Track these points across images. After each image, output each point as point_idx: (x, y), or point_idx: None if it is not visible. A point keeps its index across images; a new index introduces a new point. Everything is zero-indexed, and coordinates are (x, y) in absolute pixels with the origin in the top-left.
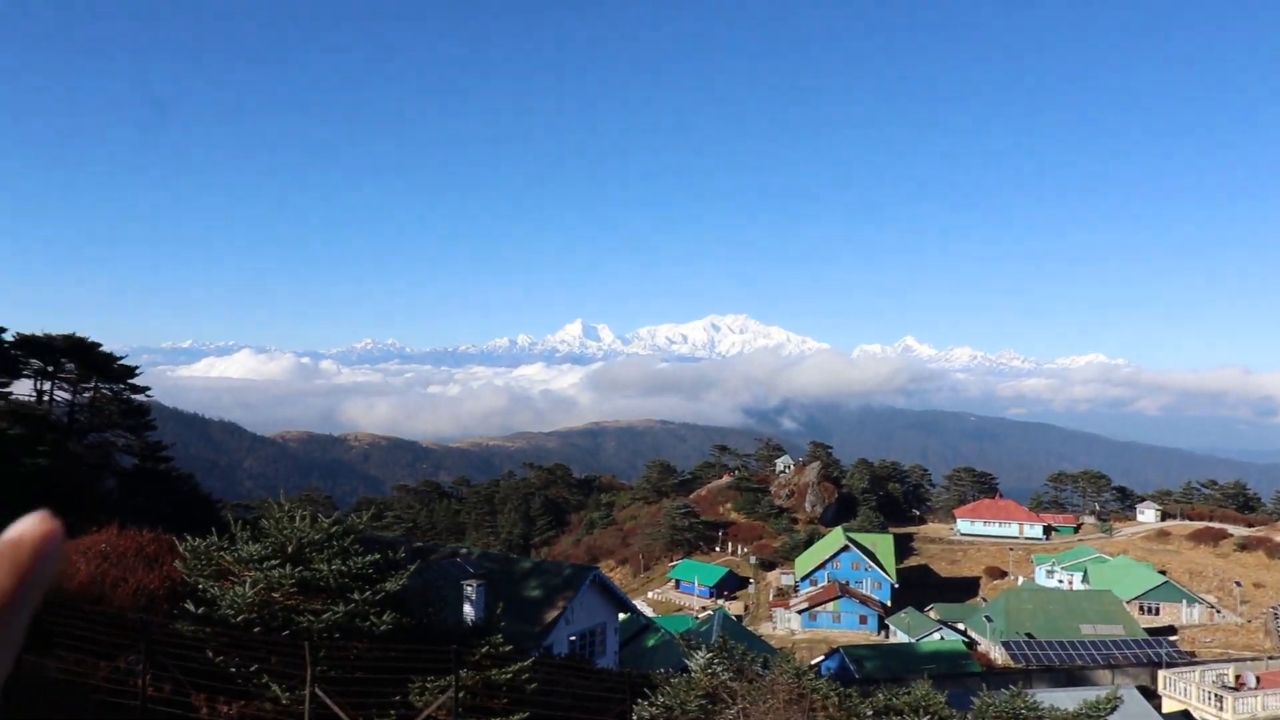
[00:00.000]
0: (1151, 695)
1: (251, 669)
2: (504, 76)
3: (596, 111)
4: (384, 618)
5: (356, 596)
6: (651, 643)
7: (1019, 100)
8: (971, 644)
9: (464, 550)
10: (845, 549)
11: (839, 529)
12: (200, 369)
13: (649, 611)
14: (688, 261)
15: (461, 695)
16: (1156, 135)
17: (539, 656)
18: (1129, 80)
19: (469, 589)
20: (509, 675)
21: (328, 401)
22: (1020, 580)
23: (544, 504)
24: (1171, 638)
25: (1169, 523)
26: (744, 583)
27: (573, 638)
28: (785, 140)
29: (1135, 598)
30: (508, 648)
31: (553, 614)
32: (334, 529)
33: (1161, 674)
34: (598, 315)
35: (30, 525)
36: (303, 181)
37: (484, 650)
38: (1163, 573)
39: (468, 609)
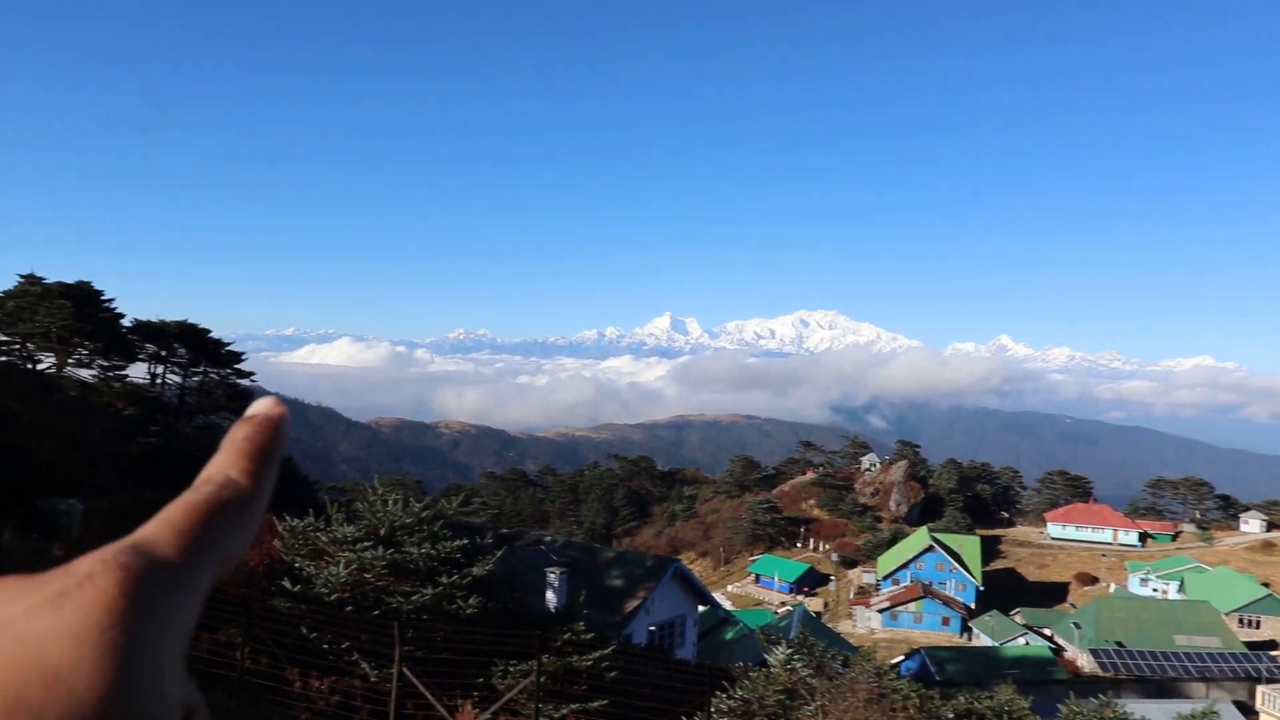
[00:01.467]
0: (1248, 711)
1: (343, 646)
2: (595, 69)
3: (680, 102)
4: (470, 601)
5: (444, 580)
6: (730, 636)
7: (1115, 92)
8: (1058, 650)
9: (548, 538)
10: (930, 549)
11: (924, 529)
12: (301, 355)
13: (728, 605)
14: (777, 256)
15: (543, 680)
16: (1260, 132)
17: (619, 645)
18: (1239, 71)
19: (552, 576)
20: (589, 662)
21: (421, 389)
22: (1112, 588)
23: (627, 495)
24: (1273, 653)
25: (1275, 533)
26: (825, 579)
27: (652, 628)
28: (872, 134)
29: (1234, 610)
30: (589, 635)
31: (633, 604)
32: (424, 513)
33: (1260, 690)
34: (686, 309)
35: (269, 404)
36: (401, 176)
37: (566, 637)
38: (1265, 585)
39: (550, 596)
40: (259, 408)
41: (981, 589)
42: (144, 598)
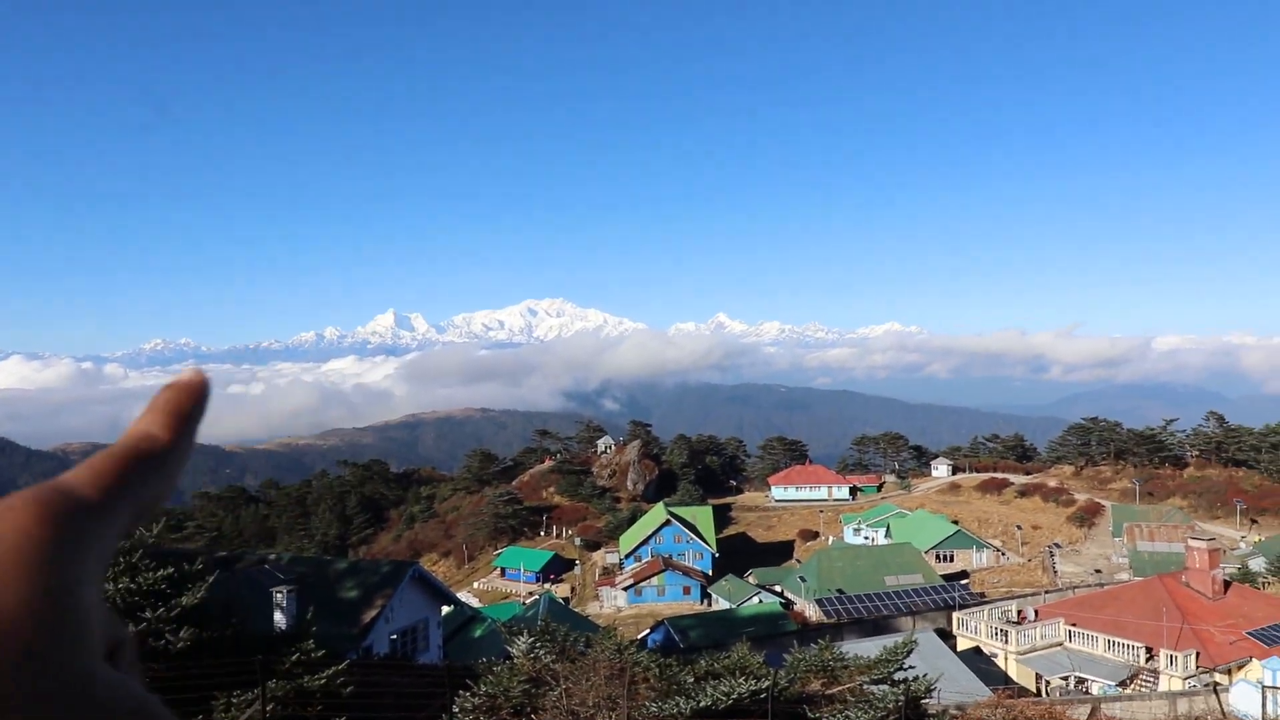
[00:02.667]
0: (947, 635)
1: None
2: (319, 57)
3: (390, 91)
4: (181, 634)
5: (149, 614)
6: (478, 633)
7: (805, 81)
8: (788, 604)
9: (273, 556)
10: (667, 523)
11: (660, 504)
12: None
13: (475, 602)
14: (501, 247)
15: (271, 706)
16: (934, 113)
17: (356, 658)
18: (903, 56)
19: (279, 595)
20: (323, 680)
21: (114, 409)
22: (830, 540)
23: (360, 502)
24: (964, 581)
25: (959, 476)
26: (570, 565)
27: (393, 636)
28: (591, 123)
29: (932, 547)
30: (321, 653)
31: (371, 613)
32: (119, 544)
33: (955, 615)
34: (410, 304)
35: (190, 372)
36: (77, 164)
37: (295, 658)
38: (955, 522)
39: (279, 616)
40: (181, 376)
41: (717, 556)
42: (62, 526)
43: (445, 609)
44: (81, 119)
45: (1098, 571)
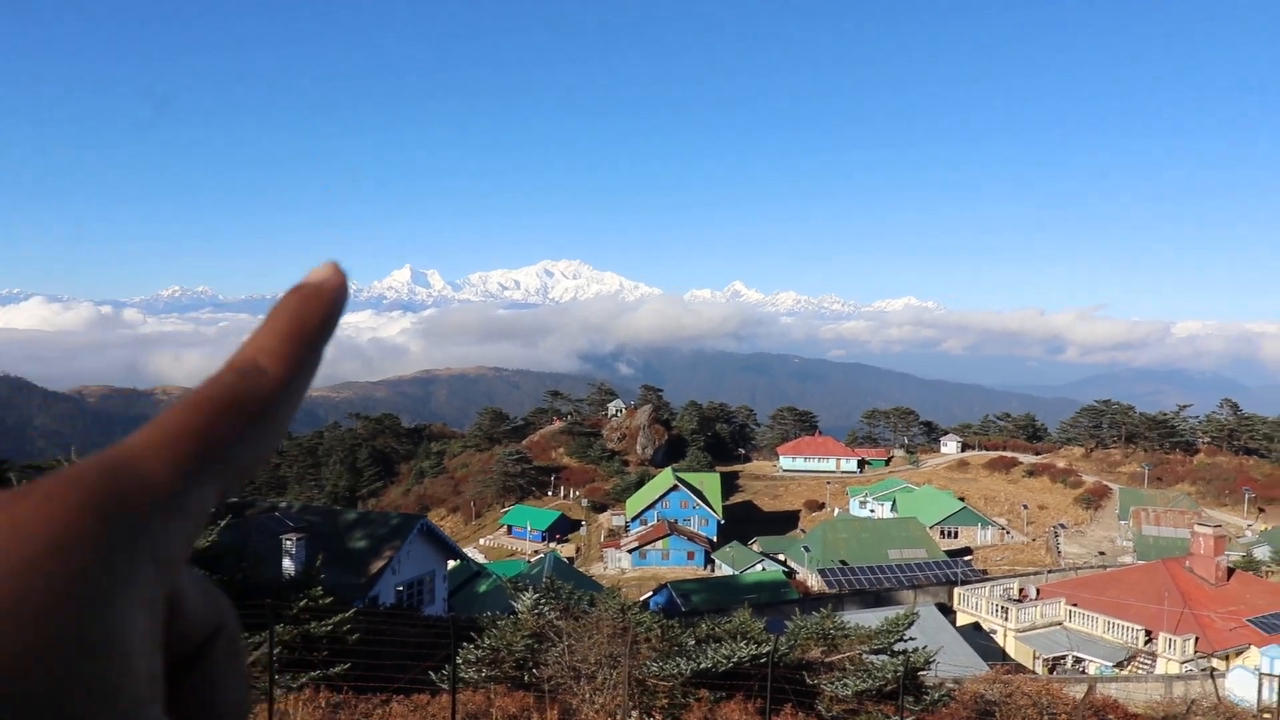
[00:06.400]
0: (948, 610)
1: None
2: (335, 6)
3: (418, 46)
4: None
5: None
6: (483, 588)
7: (838, 50)
8: (791, 573)
9: (283, 504)
10: (674, 488)
11: (668, 469)
12: None
13: (481, 558)
14: (518, 206)
15: (279, 650)
16: (961, 87)
17: (362, 607)
18: (927, 30)
19: (288, 543)
20: (329, 627)
21: (132, 353)
22: (836, 511)
23: (371, 455)
24: (967, 558)
25: (968, 453)
26: (576, 526)
27: (400, 587)
28: (604, 86)
29: (937, 523)
30: (328, 600)
31: (379, 564)
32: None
33: (957, 591)
34: (427, 261)
35: (327, 271)
36: (95, 113)
37: (302, 604)
38: (961, 499)
39: (287, 563)
40: (313, 275)
41: (722, 522)
42: (110, 528)
43: (451, 563)
44: (107, 70)
45: (1101, 554)
